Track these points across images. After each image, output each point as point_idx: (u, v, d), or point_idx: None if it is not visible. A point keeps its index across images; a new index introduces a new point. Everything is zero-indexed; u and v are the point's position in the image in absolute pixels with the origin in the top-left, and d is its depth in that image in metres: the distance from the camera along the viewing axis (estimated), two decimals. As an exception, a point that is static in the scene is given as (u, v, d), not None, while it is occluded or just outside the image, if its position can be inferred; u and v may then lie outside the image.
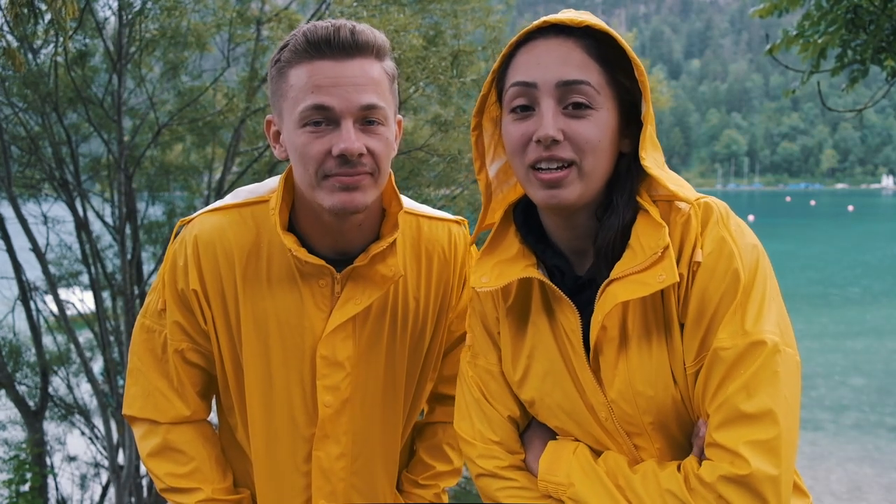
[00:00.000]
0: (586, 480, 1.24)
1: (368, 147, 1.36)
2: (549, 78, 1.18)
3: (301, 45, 1.35)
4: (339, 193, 1.36)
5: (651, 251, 1.16)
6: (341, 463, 1.56)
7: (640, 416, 1.23)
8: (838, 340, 17.71)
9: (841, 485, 9.66)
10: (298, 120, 1.35)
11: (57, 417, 7.08)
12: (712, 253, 1.16)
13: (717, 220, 1.18)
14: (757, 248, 1.19)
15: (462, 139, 5.68)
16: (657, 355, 1.21)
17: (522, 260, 1.31)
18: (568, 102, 1.18)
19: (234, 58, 6.62)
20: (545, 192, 1.20)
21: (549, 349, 1.31)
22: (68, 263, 7.28)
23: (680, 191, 1.19)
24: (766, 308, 1.15)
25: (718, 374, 1.14)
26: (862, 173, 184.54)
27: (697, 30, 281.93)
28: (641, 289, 1.16)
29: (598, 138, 1.18)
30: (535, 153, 1.19)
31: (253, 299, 1.50)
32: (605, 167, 1.22)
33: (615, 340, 1.23)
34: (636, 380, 1.22)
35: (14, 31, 3.73)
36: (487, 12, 6.04)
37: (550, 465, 1.30)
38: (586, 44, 1.19)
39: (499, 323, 1.40)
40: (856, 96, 9.75)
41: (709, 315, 1.16)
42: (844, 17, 3.88)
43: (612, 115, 1.20)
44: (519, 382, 1.35)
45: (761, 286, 1.16)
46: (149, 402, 1.58)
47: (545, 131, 1.17)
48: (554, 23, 1.20)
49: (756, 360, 1.12)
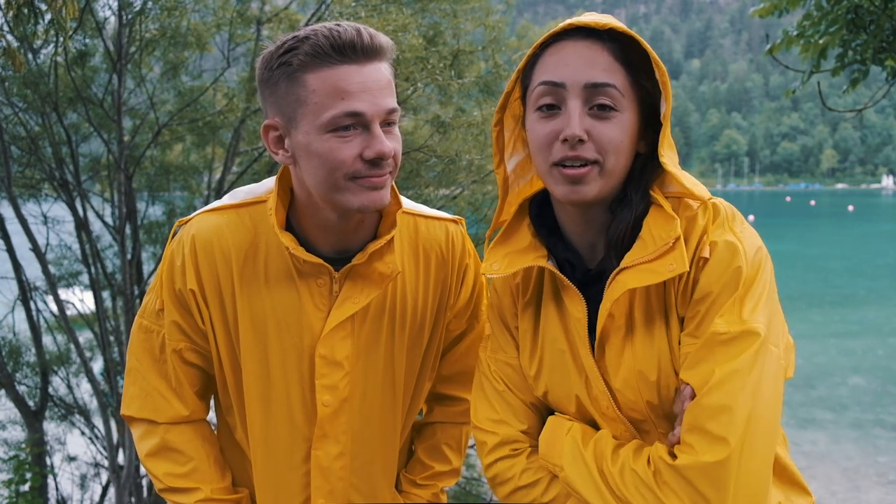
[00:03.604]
0: (574, 465, 1.28)
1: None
2: (577, 79, 1.22)
3: (323, 49, 1.33)
4: (367, 192, 1.38)
5: (662, 241, 1.21)
6: (340, 462, 1.56)
7: (643, 403, 1.27)
8: (838, 340, 17.71)
9: (841, 485, 9.66)
10: (325, 125, 1.34)
11: (57, 417, 7.08)
12: (718, 251, 1.20)
13: (723, 220, 1.23)
14: (762, 250, 1.23)
15: (461, 140, 5.67)
16: (659, 342, 1.25)
17: (533, 251, 1.36)
18: (594, 104, 1.22)
19: (234, 58, 6.61)
20: (567, 187, 1.24)
21: (557, 339, 1.35)
22: (68, 263, 7.28)
23: (695, 189, 1.25)
24: (762, 304, 1.18)
25: (706, 354, 1.17)
26: (862, 173, 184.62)
27: (697, 30, 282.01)
28: (651, 276, 1.21)
29: (621, 139, 1.23)
30: (561, 152, 1.23)
31: (251, 299, 1.50)
32: (624, 166, 1.27)
33: (622, 329, 1.27)
34: (640, 367, 1.26)
35: (14, 31, 3.73)
36: (487, 12, 6.03)
37: (548, 445, 1.34)
38: (612, 47, 1.23)
39: (517, 318, 1.44)
40: (856, 96, 9.74)
41: (707, 304, 1.20)
42: (845, 17, 3.88)
43: (633, 116, 1.25)
44: (535, 376, 1.40)
45: (762, 284, 1.20)
46: (147, 403, 1.58)
47: (572, 131, 1.21)
48: (581, 25, 1.24)
49: (746, 347, 1.15)
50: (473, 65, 5.94)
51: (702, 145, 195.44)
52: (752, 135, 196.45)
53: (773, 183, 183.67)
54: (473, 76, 5.78)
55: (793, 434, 10.91)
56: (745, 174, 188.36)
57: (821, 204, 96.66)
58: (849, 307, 22.42)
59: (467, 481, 6.88)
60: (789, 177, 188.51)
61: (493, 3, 6.47)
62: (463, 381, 1.74)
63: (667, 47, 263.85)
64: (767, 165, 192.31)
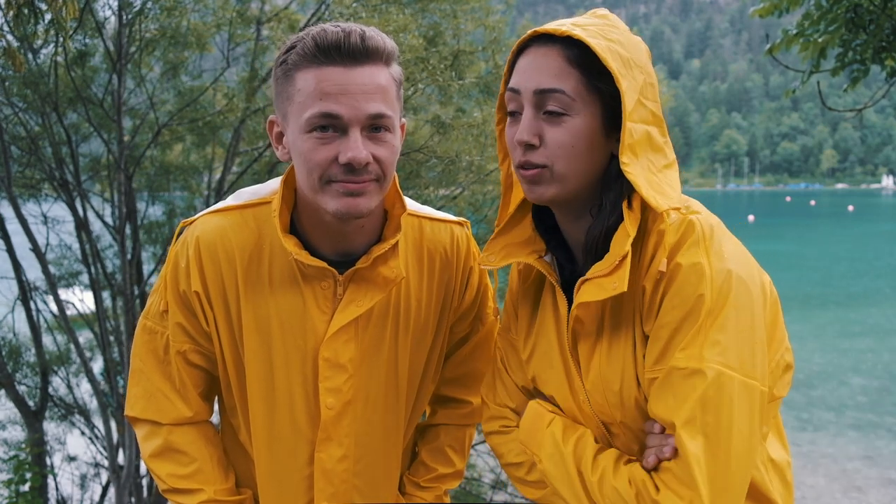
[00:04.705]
0: (552, 461, 1.31)
1: (375, 155, 1.36)
2: (528, 86, 1.26)
3: (310, 49, 1.34)
4: (343, 198, 1.36)
5: (616, 257, 1.21)
6: (343, 465, 1.56)
7: (609, 408, 1.29)
8: (838, 340, 17.71)
9: (841, 485, 9.66)
10: (305, 125, 1.35)
11: (57, 417, 7.08)
12: (682, 274, 1.17)
13: (695, 241, 1.19)
14: (731, 273, 1.17)
15: (461, 140, 5.67)
16: (624, 353, 1.26)
17: (531, 245, 1.39)
18: (544, 109, 1.25)
19: (234, 58, 6.61)
20: (526, 187, 1.30)
21: (548, 331, 1.39)
22: (68, 263, 7.28)
23: (654, 198, 1.20)
24: (729, 336, 1.15)
25: (669, 391, 1.16)
26: (862, 173, 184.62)
27: (697, 30, 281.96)
28: (599, 292, 1.21)
29: (571, 143, 1.24)
30: (518, 156, 1.28)
31: (255, 301, 1.50)
32: (582, 168, 1.26)
33: (592, 335, 1.30)
34: (605, 374, 1.28)
35: (14, 31, 3.73)
36: (487, 12, 6.03)
37: (527, 434, 1.38)
38: (567, 53, 1.24)
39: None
40: (856, 96, 9.75)
41: (669, 332, 1.18)
42: (844, 17, 3.87)
43: (590, 119, 1.25)
44: (527, 360, 1.44)
45: (730, 313, 1.15)
46: (151, 404, 1.58)
47: (520, 136, 1.26)
48: (542, 33, 1.27)
49: (697, 388, 1.13)
50: (473, 65, 5.93)
51: (702, 145, 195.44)
52: (752, 135, 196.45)
53: (773, 183, 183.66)
54: (473, 76, 5.78)
55: (793, 434, 10.91)
56: (745, 174, 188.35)
57: (821, 204, 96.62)
58: (849, 307, 22.42)
59: (468, 481, 6.88)
60: (789, 177, 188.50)
61: (493, 3, 6.46)
62: (467, 383, 1.74)
63: (667, 47, 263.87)
64: (767, 165, 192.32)
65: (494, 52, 5.80)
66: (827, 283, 26.86)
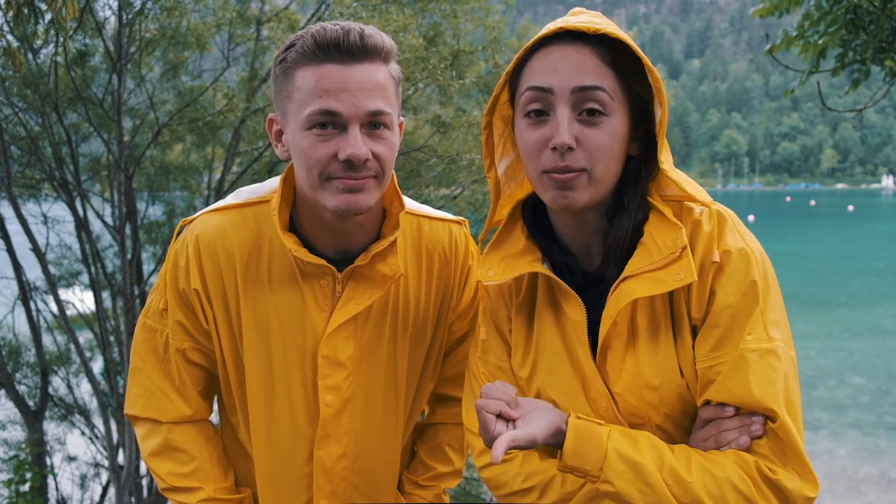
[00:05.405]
0: (623, 478, 1.17)
1: (374, 152, 1.36)
2: (565, 84, 1.19)
3: (309, 47, 1.34)
4: (343, 195, 1.37)
5: (668, 250, 1.20)
6: (343, 463, 1.56)
7: (645, 407, 1.26)
8: (838, 340, 17.72)
9: (841, 484, 9.66)
10: (304, 122, 1.35)
11: (57, 417, 7.08)
12: (732, 261, 1.20)
13: (732, 228, 1.23)
14: (764, 255, 1.24)
15: (461, 140, 5.68)
16: (665, 350, 1.24)
17: (528, 255, 1.34)
18: (583, 108, 1.20)
19: (234, 58, 6.62)
20: (556, 193, 1.22)
21: (553, 343, 1.33)
22: (68, 263, 7.29)
23: (697, 194, 1.24)
24: (778, 311, 1.22)
25: (747, 373, 1.18)
26: (862, 173, 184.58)
27: (697, 30, 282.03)
28: (658, 286, 1.20)
29: (610, 145, 1.21)
30: (550, 161, 1.20)
31: (254, 299, 1.50)
32: (614, 171, 1.24)
33: (624, 335, 1.26)
34: (643, 373, 1.24)
35: (14, 31, 3.73)
36: (487, 12, 6.04)
37: (578, 450, 1.19)
38: (601, 51, 1.21)
39: (510, 321, 1.42)
40: (856, 96, 9.75)
41: (728, 318, 1.20)
42: (844, 18, 3.87)
43: (623, 120, 1.23)
44: (527, 379, 1.38)
45: (774, 290, 1.22)
46: (151, 402, 1.58)
47: (561, 139, 1.18)
48: (570, 29, 1.21)
49: (776, 367, 1.17)
50: (473, 65, 5.94)
51: (702, 145, 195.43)
52: (752, 135, 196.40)
53: (773, 183, 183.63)
54: (473, 76, 5.79)
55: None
56: (745, 174, 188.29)
57: (821, 204, 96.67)
58: (849, 307, 22.44)
59: (467, 481, 6.88)
60: (789, 177, 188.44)
61: (493, 3, 6.47)
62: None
63: (667, 47, 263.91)
64: (767, 165, 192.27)
65: (494, 51, 5.81)
66: (827, 283, 26.87)
